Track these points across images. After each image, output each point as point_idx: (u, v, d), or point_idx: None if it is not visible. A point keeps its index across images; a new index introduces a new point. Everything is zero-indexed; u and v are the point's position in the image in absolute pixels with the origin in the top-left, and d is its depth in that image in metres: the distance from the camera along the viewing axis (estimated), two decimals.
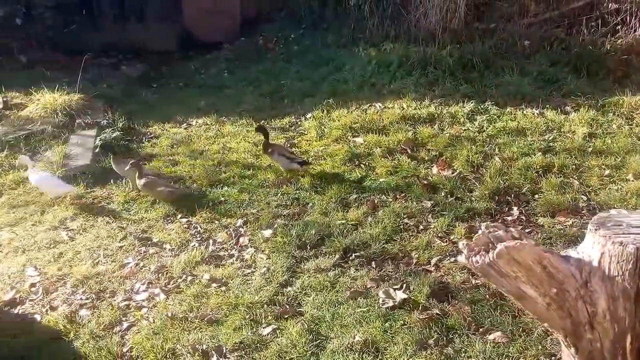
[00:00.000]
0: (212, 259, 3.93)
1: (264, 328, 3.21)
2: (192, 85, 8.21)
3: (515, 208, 4.29)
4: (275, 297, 3.45)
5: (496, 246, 1.91)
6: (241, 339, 3.12)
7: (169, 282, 3.72)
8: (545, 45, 7.01)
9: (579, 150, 5.00)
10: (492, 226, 1.97)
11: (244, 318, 3.27)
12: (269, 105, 6.92)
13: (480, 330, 3.09)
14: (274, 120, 6.26)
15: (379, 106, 6.21)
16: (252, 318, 3.28)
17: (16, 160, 5.27)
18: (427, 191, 4.56)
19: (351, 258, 3.80)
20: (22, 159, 4.96)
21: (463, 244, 1.99)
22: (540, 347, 2.94)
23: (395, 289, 3.44)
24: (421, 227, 4.11)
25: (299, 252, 3.88)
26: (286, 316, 3.28)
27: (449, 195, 4.49)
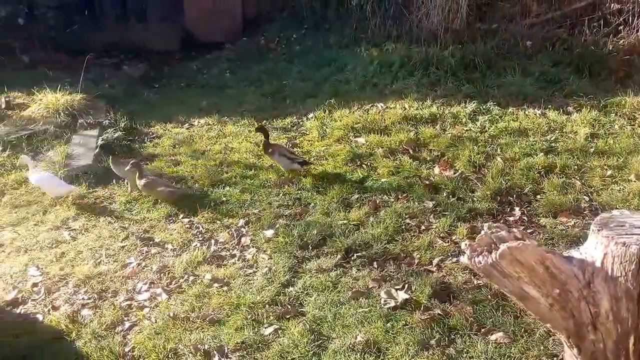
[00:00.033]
0: (214, 259, 3.94)
1: (266, 328, 3.21)
2: (194, 85, 8.22)
3: (517, 208, 4.29)
4: (277, 297, 3.45)
5: (499, 247, 1.91)
6: (243, 339, 3.13)
7: (171, 282, 3.72)
8: (547, 45, 7.01)
9: (581, 150, 4.99)
10: (495, 227, 1.96)
11: (246, 318, 3.28)
12: (271, 105, 6.91)
13: (482, 330, 3.09)
14: (276, 120, 6.26)
15: (381, 106, 6.21)
16: (254, 318, 3.28)
17: (18, 160, 5.28)
18: (429, 191, 4.56)
19: (353, 258, 3.80)
20: (23, 159, 4.97)
21: (465, 245, 1.99)
22: (542, 348, 2.94)
23: (397, 289, 3.44)
24: (423, 228, 4.11)
25: (301, 252, 3.88)
26: (288, 316, 3.29)
27: (451, 195, 4.49)
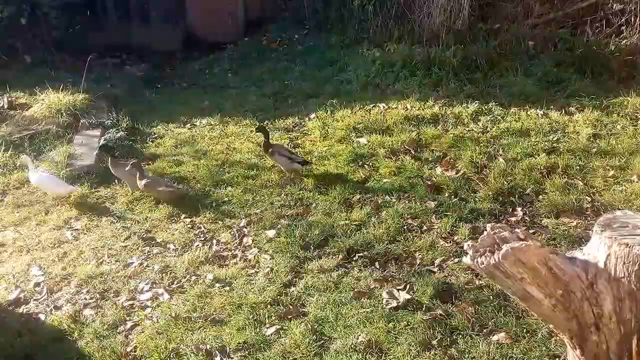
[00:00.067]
0: (216, 259, 3.94)
1: (268, 328, 3.22)
2: (196, 85, 8.21)
3: (519, 209, 4.29)
4: (278, 298, 3.46)
5: (501, 247, 1.91)
6: (245, 339, 3.13)
7: (173, 282, 3.73)
8: (549, 46, 7.00)
9: (583, 151, 4.98)
10: (498, 227, 1.96)
11: (248, 318, 3.28)
12: (273, 105, 6.91)
13: (484, 331, 3.09)
14: (278, 120, 6.25)
15: (383, 106, 6.20)
16: (256, 318, 3.29)
17: (19, 160, 5.29)
18: (431, 192, 4.56)
19: (355, 258, 3.80)
20: (24, 159, 4.98)
21: (468, 245, 1.98)
22: (544, 348, 2.94)
23: (398, 290, 3.44)
24: (425, 228, 4.11)
25: (303, 253, 3.88)
26: (290, 316, 3.29)
27: (453, 195, 4.49)
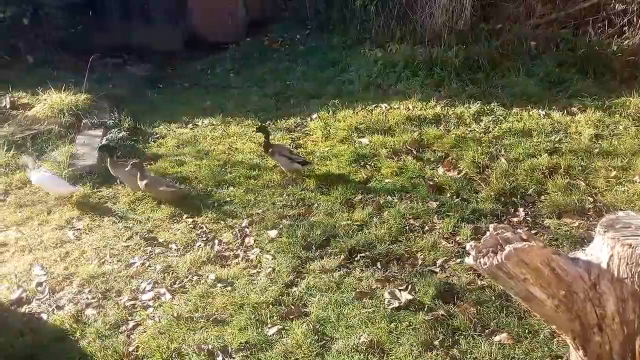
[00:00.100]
0: (218, 259, 3.94)
1: (270, 328, 3.22)
2: (198, 85, 8.22)
3: (521, 209, 4.28)
4: (280, 298, 3.46)
5: (504, 248, 1.91)
6: (246, 339, 3.13)
7: (175, 282, 3.73)
8: (551, 46, 6.99)
9: (585, 151, 4.98)
10: (500, 227, 1.96)
11: (250, 318, 3.28)
12: (275, 105, 6.91)
13: (486, 331, 3.09)
14: (280, 120, 6.25)
15: (385, 107, 6.20)
16: (258, 318, 3.29)
17: (19, 160, 5.30)
18: (433, 192, 4.55)
19: (356, 259, 3.79)
20: (24, 159, 4.98)
21: (471, 246, 1.98)
22: (546, 349, 2.93)
23: (400, 290, 3.44)
24: (427, 228, 4.11)
25: (305, 253, 3.88)
26: (291, 316, 3.29)
27: (455, 196, 4.49)
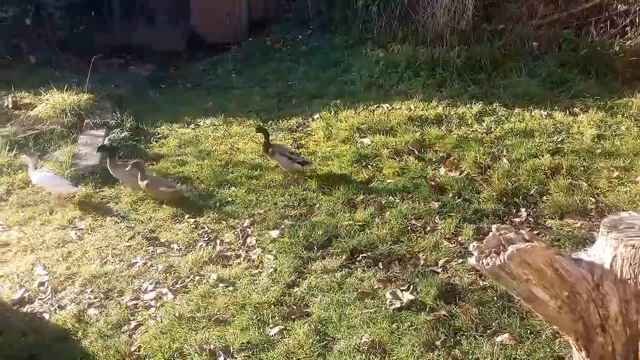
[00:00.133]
0: (220, 259, 3.94)
1: (271, 328, 3.22)
2: (200, 85, 8.24)
3: (523, 210, 4.27)
4: (282, 298, 3.46)
5: (507, 248, 1.90)
6: (248, 339, 3.13)
7: (177, 282, 3.73)
8: (553, 46, 6.99)
9: (588, 151, 4.97)
10: (503, 228, 1.96)
11: (251, 318, 3.28)
12: (277, 105, 6.92)
13: (487, 332, 3.09)
14: (282, 120, 6.26)
15: (387, 107, 6.20)
16: (259, 318, 3.28)
17: (19, 160, 5.30)
18: (435, 192, 4.55)
19: (358, 259, 3.79)
20: (23, 159, 4.99)
21: (473, 246, 1.98)
22: (548, 350, 2.93)
23: (402, 290, 3.43)
24: (428, 228, 4.11)
25: (306, 253, 3.88)
26: (293, 317, 3.28)
27: (457, 196, 4.48)
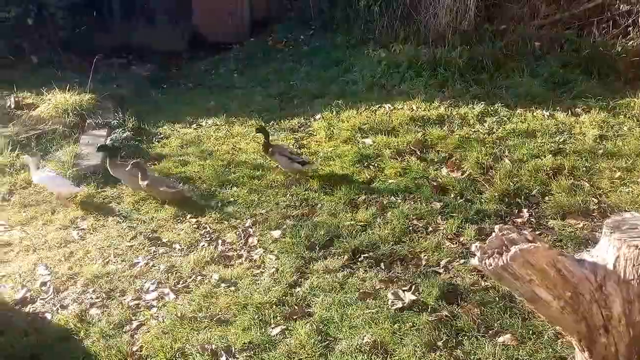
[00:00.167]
0: (221, 259, 3.94)
1: (273, 328, 3.22)
2: (202, 85, 8.23)
3: (525, 210, 4.27)
4: (284, 298, 3.46)
5: (509, 249, 1.90)
6: (250, 339, 3.13)
7: (179, 282, 3.73)
8: (555, 46, 6.99)
9: (590, 152, 4.96)
10: (506, 228, 1.96)
11: (253, 318, 3.28)
12: (279, 105, 6.92)
13: (489, 332, 3.09)
14: (284, 120, 6.26)
15: (389, 107, 6.20)
16: (261, 318, 3.29)
17: (19, 160, 5.30)
18: (437, 193, 4.55)
19: (360, 259, 3.79)
20: (26, 159, 5.00)
21: (476, 247, 1.98)
22: (550, 350, 2.93)
23: (404, 291, 3.44)
24: (430, 229, 4.11)
25: (308, 253, 3.88)
26: (295, 317, 3.29)
27: (459, 196, 4.48)
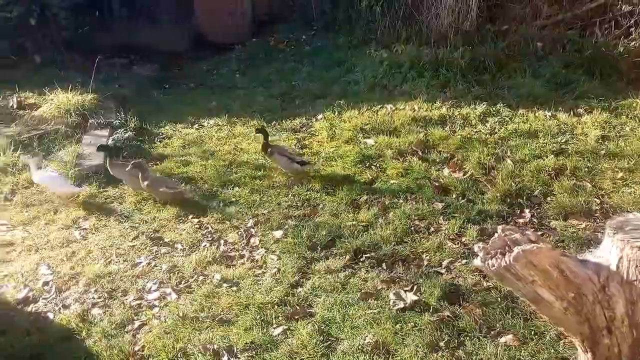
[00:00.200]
0: (223, 259, 3.94)
1: (275, 328, 3.22)
2: (204, 85, 8.24)
3: (527, 211, 4.27)
4: (285, 298, 3.46)
5: (512, 249, 1.90)
6: (252, 339, 3.13)
7: (181, 282, 3.73)
8: (557, 47, 6.99)
9: (592, 152, 4.96)
10: (508, 229, 1.95)
11: (255, 318, 3.28)
12: (280, 106, 6.93)
13: (491, 333, 3.08)
14: (285, 121, 6.26)
15: (390, 107, 6.20)
16: (263, 318, 3.29)
17: (19, 161, 5.32)
18: (438, 193, 4.55)
19: (362, 259, 3.79)
20: (25, 159, 5.00)
21: (479, 247, 1.98)
22: (552, 351, 2.92)
23: (406, 291, 3.43)
24: (432, 229, 4.10)
25: (310, 253, 3.88)
26: (297, 317, 3.29)
27: (461, 197, 4.48)
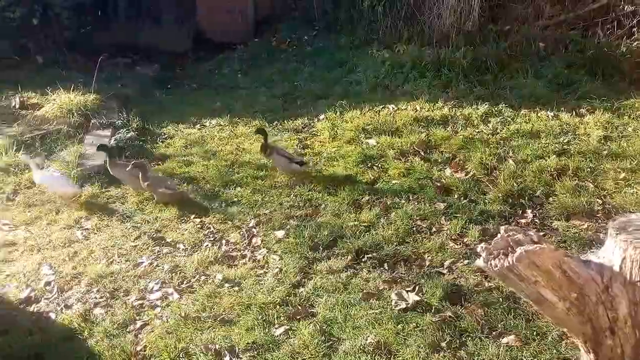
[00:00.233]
0: (225, 259, 3.94)
1: (277, 329, 3.22)
2: (206, 85, 8.24)
3: (529, 211, 4.26)
4: (287, 298, 3.46)
5: (515, 250, 1.90)
6: (254, 339, 3.13)
7: (183, 282, 3.73)
8: (560, 47, 6.97)
9: (594, 153, 4.95)
10: (511, 229, 1.95)
11: (257, 318, 3.28)
12: (282, 106, 6.93)
13: (493, 333, 3.08)
14: (287, 121, 6.26)
15: (392, 108, 6.20)
16: (265, 318, 3.29)
17: (18, 160, 5.32)
18: (440, 193, 4.54)
19: (363, 260, 3.79)
20: (24, 159, 5.01)
21: (482, 248, 1.98)
22: (554, 351, 2.91)
23: (407, 291, 3.43)
24: (434, 229, 4.10)
25: (312, 253, 3.88)
26: (298, 317, 3.29)
27: (462, 197, 4.47)
